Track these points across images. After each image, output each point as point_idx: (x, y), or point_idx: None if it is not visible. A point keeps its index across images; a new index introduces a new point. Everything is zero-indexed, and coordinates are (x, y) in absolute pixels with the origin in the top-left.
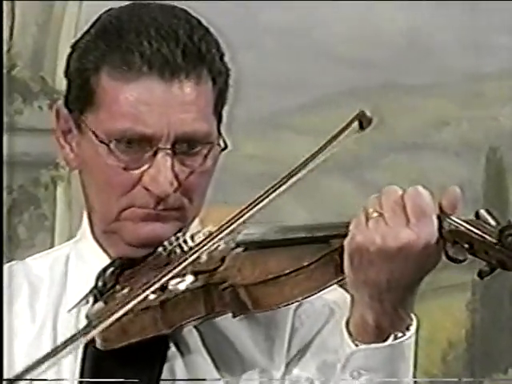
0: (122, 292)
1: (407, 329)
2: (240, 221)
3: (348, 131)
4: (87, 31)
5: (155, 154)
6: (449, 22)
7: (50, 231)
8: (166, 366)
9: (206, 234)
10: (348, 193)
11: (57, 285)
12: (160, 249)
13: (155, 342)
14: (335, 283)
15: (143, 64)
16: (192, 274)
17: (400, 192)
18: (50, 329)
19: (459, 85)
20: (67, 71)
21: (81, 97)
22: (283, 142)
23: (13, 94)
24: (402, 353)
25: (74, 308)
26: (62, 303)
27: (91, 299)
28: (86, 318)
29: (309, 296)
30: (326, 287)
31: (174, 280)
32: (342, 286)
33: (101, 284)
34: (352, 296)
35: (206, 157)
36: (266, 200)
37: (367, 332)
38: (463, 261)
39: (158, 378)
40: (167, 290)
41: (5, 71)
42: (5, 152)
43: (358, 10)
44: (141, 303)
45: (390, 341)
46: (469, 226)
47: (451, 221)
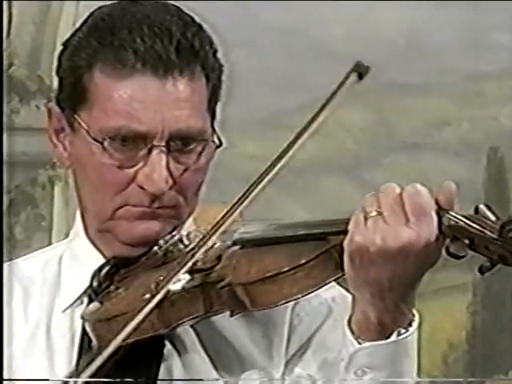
0: (117, 292)
1: (409, 324)
2: (244, 204)
3: (348, 84)
4: (79, 29)
5: (149, 152)
6: (449, 21)
7: (48, 231)
8: (164, 367)
9: (208, 230)
10: (348, 193)
11: (50, 285)
12: (155, 247)
13: (151, 342)
14: (334, 280)
15: (137, 61)
16: (188, 272)
17: (398, 190)
18: (43, 330)
19: (459, 84)
20: (59, 69)
21: (73, 95)
22: (283, 142)
23: (10, 93)
24: (406, 349)
25: (68, 308)
26: (56, 304)
27: (86, 299)
28: (82, 318)
29: (308, 293)
30: (325, 284)
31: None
32: (340, 283)
33: (96, 284)
34: (353, 294)
35: (200, 154)
36: (271, 173)
37: (370, 330)
38: (463, 256)
39: (155, 378)
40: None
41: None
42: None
43: (357, 9)
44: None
45: (394, 337)
46: (468, 221)
47: (450, 216)
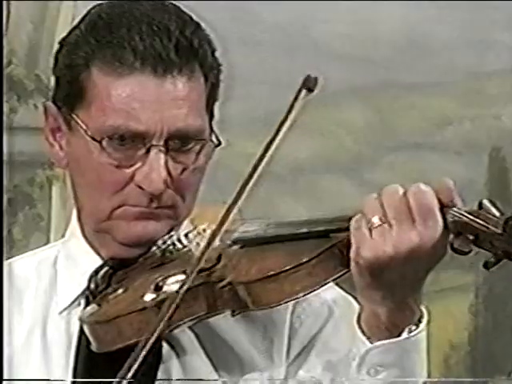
0: (115, 293)
1: (419, 321)
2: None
3: (300, 101)
4: (76, 26)
5: (148, 152)
6: (451, 19)
7: (46, 231)
8: (163, 369)
9: (213, 230)
10: (348, 193)
11: (45, 287)
12: (154, 248)
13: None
14: (337, 278)
15: (136, 59)
16: (183, 273)
17: (401, 192)
18: (39, 332)
19: (461, 83)
20: (56, 67)
21: (71, 93)
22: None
23: (7, 92)
24: (417, 346)
25: (64, 310)
26: (52, 306)
27: (83, 301)
28: (80, 320)
29: (311, 292)
30: (328, 282)
31: (170, 280)
32: (338, 284)
33: (93, 285)
34: (360, 296)
35: (198, 154)
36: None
37: (380, 328)
38: (468, 252)
39: (153, 379)
40: (162, 290)
41: None
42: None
43: (358, 8)
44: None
45: (405, 334)
46: (472, 217)
47: (454, 212)
